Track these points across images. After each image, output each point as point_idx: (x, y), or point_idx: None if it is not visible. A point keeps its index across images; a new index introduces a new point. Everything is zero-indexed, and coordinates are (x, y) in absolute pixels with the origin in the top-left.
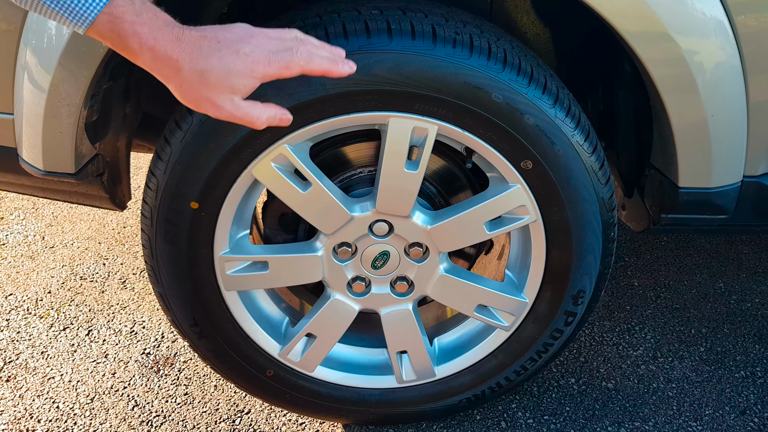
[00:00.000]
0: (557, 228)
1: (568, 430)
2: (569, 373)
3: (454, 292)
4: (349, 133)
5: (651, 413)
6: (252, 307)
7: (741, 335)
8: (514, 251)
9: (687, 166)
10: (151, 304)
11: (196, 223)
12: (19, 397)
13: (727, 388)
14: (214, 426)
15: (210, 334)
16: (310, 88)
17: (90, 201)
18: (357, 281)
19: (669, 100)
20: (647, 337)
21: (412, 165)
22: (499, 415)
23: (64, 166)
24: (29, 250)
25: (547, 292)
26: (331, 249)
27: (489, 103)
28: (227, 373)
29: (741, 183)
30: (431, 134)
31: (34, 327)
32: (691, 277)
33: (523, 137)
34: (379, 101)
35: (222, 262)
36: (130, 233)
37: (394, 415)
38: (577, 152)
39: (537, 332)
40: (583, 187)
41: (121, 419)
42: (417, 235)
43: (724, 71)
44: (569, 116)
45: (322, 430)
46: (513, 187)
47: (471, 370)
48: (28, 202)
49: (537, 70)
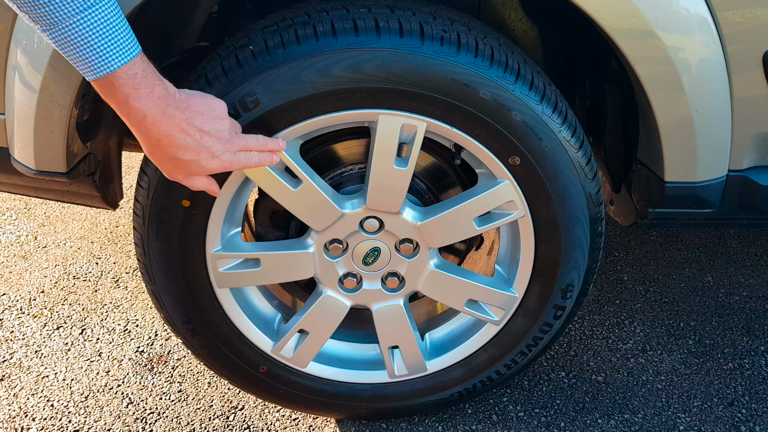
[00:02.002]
0: (545, 223)
1: (558, 422)
2: (559, 367)
3: (445, 288)
4: (339, 131)
5: (640, 405)
6: (244, 303)
7: (729, 328)
8: (504, 246)
9: (672, 160)
10: (144, 303)
11: (187, 221)
12: (14, 396)
13: (715, 380)
14: (208, 422)
15: (203, 331)
16: (300, 87)
17: (82, 200)
18: (348, 277)
19: (654, 96)
20: (636, 330)
21: (401, 162)
22: (490, 408)
23: (55, 165)
24: (22, 250)
25: (536, 286)
26: (323, 246)
27: (477, 100)
28: (220, 369)
29: (726, 177)
30: (420, 131)
31: (27, 326)
32: (680, 271)
33: (511, 133)
34: (368, 99)
35: (214, 259)
36: (122, 232)
37: (387, 409)
38: (564, 148)
39: (527, 326)
40: (571, 183)
41: (115, 417)
42: (407, 231)
43: (709, 67)
44: (556, 112)
45: (315, 426)
46: (501, 183)
47: (462, 364)
48: (20, 202)
49: (524, 66)
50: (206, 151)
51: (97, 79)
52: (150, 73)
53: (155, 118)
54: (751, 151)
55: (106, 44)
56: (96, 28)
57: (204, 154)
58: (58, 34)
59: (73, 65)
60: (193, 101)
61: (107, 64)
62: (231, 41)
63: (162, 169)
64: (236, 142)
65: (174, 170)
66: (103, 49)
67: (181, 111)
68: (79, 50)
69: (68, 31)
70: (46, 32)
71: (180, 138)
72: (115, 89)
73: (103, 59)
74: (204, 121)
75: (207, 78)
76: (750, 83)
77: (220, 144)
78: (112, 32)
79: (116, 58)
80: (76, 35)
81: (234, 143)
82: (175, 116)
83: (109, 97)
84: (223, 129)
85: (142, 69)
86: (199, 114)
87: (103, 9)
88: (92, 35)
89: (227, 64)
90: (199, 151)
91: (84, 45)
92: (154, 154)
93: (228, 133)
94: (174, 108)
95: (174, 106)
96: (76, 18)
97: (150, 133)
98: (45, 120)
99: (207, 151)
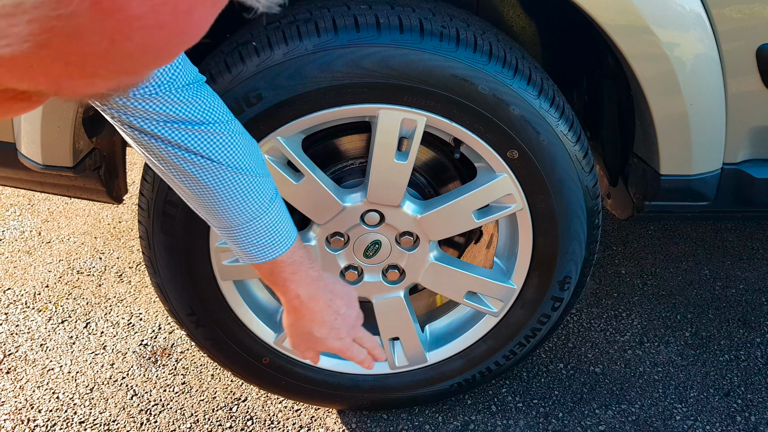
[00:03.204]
0: (543, 216)
1: (556, 413)
2: (558, 359)
3: (445, 280)
4: (341, 126)
5: (637, 396)
6: (247, 296)
7: (725, 320)
8: (502, 239)
9: (668, 154)
10: (148, 297)
11: (192, 215)
12: (20, 389)
13: (711, 371)
14: (212, 414)
15: (207, 323)
16: (302, 82)
17: (87, 195)
18: (350, 270)
19: (649, 91)
20: (634, 323)
21: (401, 156)
22: (489, 399)
23: (62, 160)
24: (26, 245)
25: (535, 278)
26: (324, 239)
27: (475, 95)
28: (224, 361)
29: (721, 170)
30: (420, 125)
31: (32, 320)
32: (677, 264)
33: (509, 127)
34: (369, 94)
35: (218, 252)
36: (125, 228)
37: (387, 400)
38: (562, 142)
39: (525, 317)
40: (568, 176)
41: (120, 408)
42: (407, 224)
43: (703, 62)
44: (553, 106)
45: (317, 416)
46: (500, 176)
47: (462, 355)
48: (23, 198)
49: (522, 62)
50: (336, 331)
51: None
52: (306, 258)
53: (308, 297)
54: (746, 145)
55: (271, 239)
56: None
57: (333, 333)
58: (229, 234)
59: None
60: (336, 286)
61: (268, 255)
62: (234, 38)
63: (290, 338)
64: (356, 332)
65: (301, 342)
66: (268, 243)
67: (326, 293)
68: (246, 247)
69: (239, 235)
70: (222, 230)
71: (322, 315)
72: (275, 274)
73: (265, 252)
74: (342, 304)
75: (211, 74)
76: (744, 78)
77: (347, 328)
78: (277, 231)
79: (277, 248)
80: (246, 237)
81: (356, 331)
82: (322, 298)
83: (267, 279)
84: (352, 315)
85: (300, 256)
86: (339, 297)
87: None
88: (260, 236)
89: (230, 60)
90: (330, 330)
91: (252, 244)
92: (294, 325)
93: (356, 321)
94: (322, 290)
95: (323, 288)
96: (249, 224)
97: (298, 308)
98: (52, 116)
99: (336, 332)
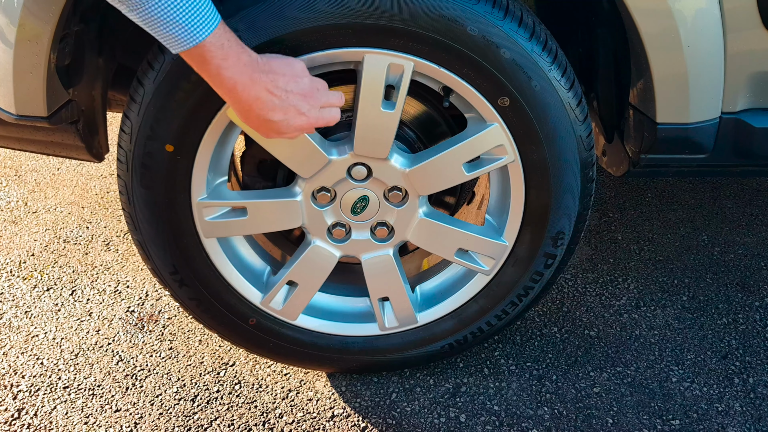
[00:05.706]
0: (535, 167)
1: (550, 375)
2: (552, 323)
3: (435, 237)
4: (327, 76)
5: (633, 359)
6: (232, 255)
7: (724, 284)
8: (494, 196)
9: (664, 100)
10: (135, 265)
11: (172, 167)
12: (3, 355)
13: (709, 334)
14: (199, 378)
15: (191, 282)
16: (284, 23)
17: (67, 152)
18: (337, 227)
19: (645, 32)
20: (630, 287)
21: (389, 105)
22: (482, 362)
23: (36, 109)
24: (12, 215)
25: (527, 234)
26: (310, 194)
27: (464, 37)
28: (210, 322)
29: (719, 119)
30: (407, 71)
31: (17, 288)
32: (674, 230)
33: (500, 72)
34: (354, 36)
35: (200, 208)
36: (113, 198)
37: (378, 362)
38: (555, 88)
39: (517, 275)
40: (561, 125)
41: (105, 373)
42: (396, 178)
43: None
44: (546, 51)
45: (306, 380)
46: (491, 126)
47: (453, 315)
48: (10, 169)
49: (513, 2)
50: (293, 109)
51: (188, 53)
52: (234, 42)
53: (244, 84)
54: (745, 92)
55: (191, 17)
56: (179, 3)
57: (291, 112)
58: (144, 13)
59: (162, 42)
60: (274, 63)
61: (193, 35)
62: None
63: (258, 132)
64: (319, 98)
65: (268, 132)
66: (188, 22)
67: (265, 74)
68: (166, 27)
69: (153, 10)
70: (132, 12)
71: (268, 100)
72: (207, 62)
73: (189, 32)
74: (286, 81)
75: None
76: (743, 18)
77: (304, 102)
78: (194, 5)
79: (201, 29)
80: (161, 13)
81: (317, 100)
82: (261, 80)
83: (201, 71)
84: (304, 87)
85: (227, 39)
86: (281, 75)
87: None
88: (176, 11)
89: None
90: (286, 111)
91: (170, 21)
92: (249, 119)
93: (310, 90)
94: (259, 72)
95: (259, 70)
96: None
97: (242, 99)
98: (23, 60)
99: (294, 109)
